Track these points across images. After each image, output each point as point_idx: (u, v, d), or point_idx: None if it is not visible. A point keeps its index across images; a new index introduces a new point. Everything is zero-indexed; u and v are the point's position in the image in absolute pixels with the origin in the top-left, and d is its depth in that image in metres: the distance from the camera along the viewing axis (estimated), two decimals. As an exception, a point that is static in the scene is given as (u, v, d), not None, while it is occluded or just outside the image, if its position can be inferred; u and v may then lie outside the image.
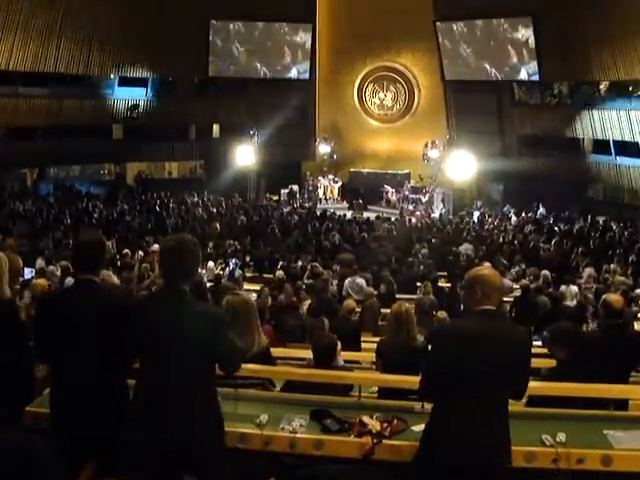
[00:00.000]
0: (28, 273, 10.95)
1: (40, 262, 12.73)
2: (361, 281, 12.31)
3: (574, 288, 12.87)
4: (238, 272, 14.20)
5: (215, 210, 24.41)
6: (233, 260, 15.05)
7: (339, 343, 5.59)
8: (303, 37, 29.74)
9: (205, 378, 3.71)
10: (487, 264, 12.47)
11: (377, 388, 5.50)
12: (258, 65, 30.01)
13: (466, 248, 17.11)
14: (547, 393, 4.71)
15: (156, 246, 15.03)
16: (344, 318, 8.82)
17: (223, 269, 14.62)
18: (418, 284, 12.93)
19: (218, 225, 20.43)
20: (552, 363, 5.60)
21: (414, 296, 11.96)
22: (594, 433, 4.21)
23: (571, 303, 11.91)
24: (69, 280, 9.03)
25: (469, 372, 3.56)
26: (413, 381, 4.14)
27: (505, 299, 11.29)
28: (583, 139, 26.04)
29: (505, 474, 3.59)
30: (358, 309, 10.11)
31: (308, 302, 10.40)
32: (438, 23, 27.69)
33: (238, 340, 4.53)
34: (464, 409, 3.55)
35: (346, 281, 12.44)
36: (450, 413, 3.60)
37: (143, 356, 3.73)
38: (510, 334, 3.73)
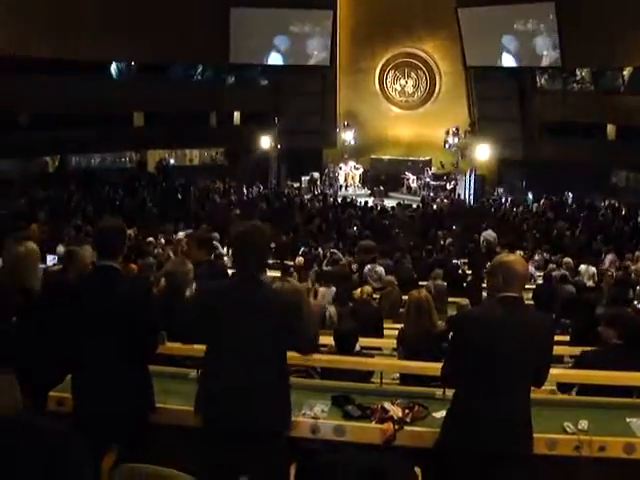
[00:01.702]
0: (51, 260, 11.06)
1: (62, 249, 12.78)
2: (380, 269, 12.25)
3: (592, 269, 12.84)
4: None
5: (236, 197, 24.40)
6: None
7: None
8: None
9: (278, 368, 3.69)
10: (518, 252, 12.41)
11: (398, 374, 5.50)
12: (279, 51, 29.94)
13: (489, 235, 17.03)
14: (572, 380, 4.68)
15: (181, 234, 15.07)
16: (364, 302, 8.78)
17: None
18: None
19: (239, 212, 20.41)
20: (572, 351, 5.56)
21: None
22: (617, 421, 4.17)
23: (588, 283, 11.91)
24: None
25: (490, 359, 3.56)
26: (434, 368, 4.15)
27: (527, 286, 11.20)
28: (606, 125, 25.80)
29: (526, 461, 3.58)
30: (376, 295, 10.08)
31: (322, 289, 10.30)
32: (459, 9, 27.48)
33: None
34: (485, 395, 3.54)
35: (366, 268, 12.40)
36: (471, 399, 3.60)
37: (214, 346, 3.68)
38: (531, 321, 3.71)
